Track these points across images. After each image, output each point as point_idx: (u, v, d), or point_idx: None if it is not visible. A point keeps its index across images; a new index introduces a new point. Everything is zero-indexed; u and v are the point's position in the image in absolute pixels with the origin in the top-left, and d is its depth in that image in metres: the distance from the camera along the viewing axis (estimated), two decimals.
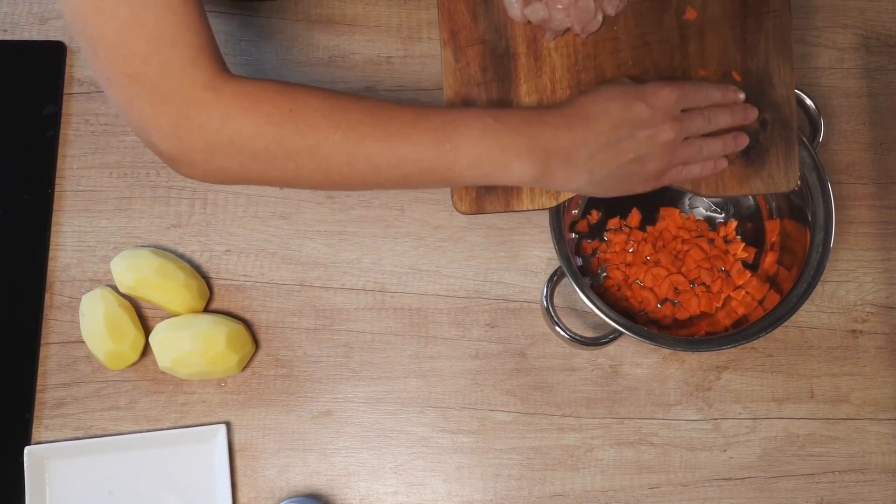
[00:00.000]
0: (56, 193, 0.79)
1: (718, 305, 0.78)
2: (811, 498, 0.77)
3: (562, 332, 0.72)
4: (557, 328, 0.72)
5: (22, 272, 0.77)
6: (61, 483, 0.73)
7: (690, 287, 0.78)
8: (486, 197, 0.68)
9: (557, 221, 0.71)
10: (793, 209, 0.77)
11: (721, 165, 0.66)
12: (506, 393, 0.77)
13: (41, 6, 0.83)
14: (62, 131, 0.80)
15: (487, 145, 0.57)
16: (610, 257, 0.79)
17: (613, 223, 0.80)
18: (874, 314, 0.81)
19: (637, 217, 0.79)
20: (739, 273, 0.78)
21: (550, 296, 0.72)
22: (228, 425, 0.75)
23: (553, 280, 0.72)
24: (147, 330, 0.76)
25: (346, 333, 0.78)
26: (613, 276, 0.79)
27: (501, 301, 0.79)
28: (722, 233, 0.79)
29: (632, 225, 0.79)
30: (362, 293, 0.78)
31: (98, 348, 0.73)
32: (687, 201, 0.82)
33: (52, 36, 0.82)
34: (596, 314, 0.69)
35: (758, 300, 0.76)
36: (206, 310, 0.77)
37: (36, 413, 0.74)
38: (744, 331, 0.70)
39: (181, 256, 0.78)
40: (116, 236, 0.78)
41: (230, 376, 0.76)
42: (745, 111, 0.66)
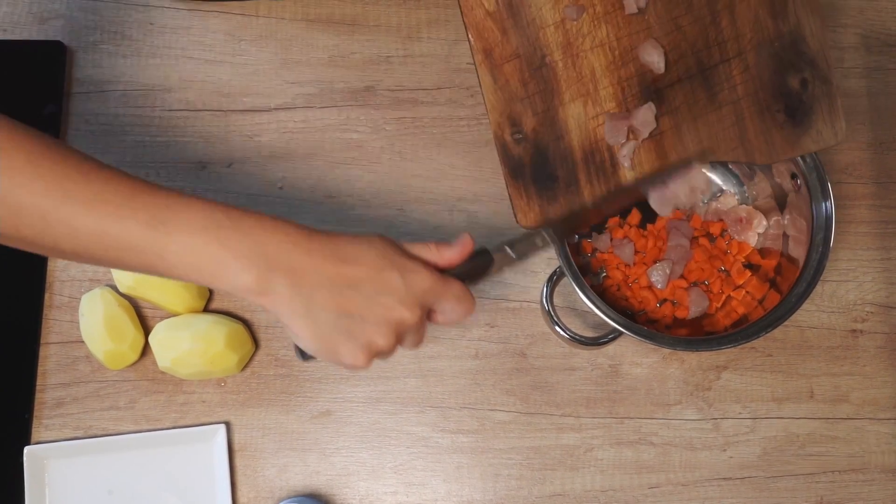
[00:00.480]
0: None
1: (718, 305, 0.78)
2: (811, 497, 0.77)
3: (561, 332, 0.72)
4: (557, 328, 0.72)
5: (22, 272, 0.77)
6: (61, 483, 0.73)
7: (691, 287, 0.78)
8: (550, 208, 0.68)
9: None
10: (793, 208, 0.76)
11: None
12: (505, 393, 0.77)
13: (41, 6, 0.83)
14: (62, 131, 0.80)
15: (206, 238, 0.51)
16: (609, 257, 0.79)
17: (613, 222, 0.80)
18: (874, 314, 0.81)
19: (637, 216, 0.79)
20: (739, 273, 0.78)
21: (550, 296, 0.72)
22: (228, 425, 0.75)
23: (553, 280, 0.72)
24: (147, 330, 0.76)
25: None
26: (613, 276, 0.79)
27: (501, 301, 0.79)
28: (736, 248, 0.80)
29: (632, 223, 0.79)
30: None
31: (98, 348, 0.73)
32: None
33: (52, 36, 0.82)
34: (596, 314, 0.69)
35: (758, 300, 0.76)
36: (206, 309, 0.77)
37: (36, 413, 0.74)
38: (744, 330, 0.70)
39: None
40: None
41: (230, 376, 0.76)
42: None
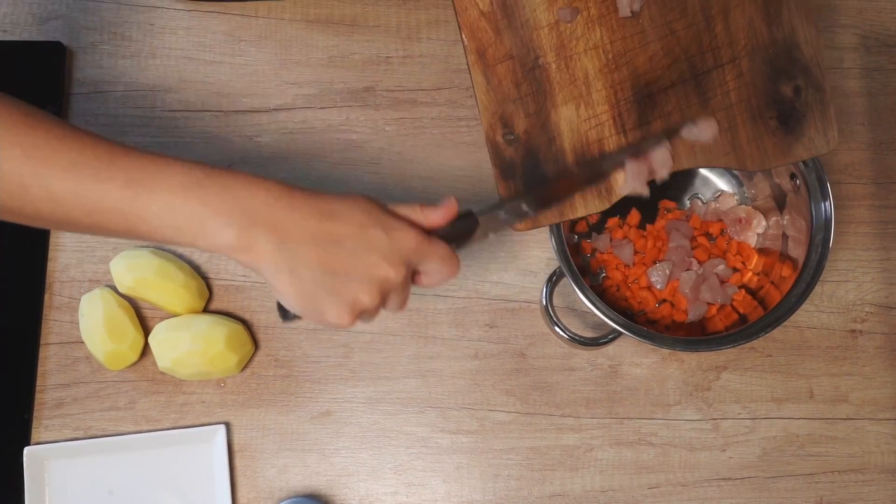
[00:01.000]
0: None
1: (717, 307, 0.78)
2: (810, 498, 0.77)
3: (561, 333, 0.72)
4: (557, 328, 0.72)
5: (22, 272, 0.77)
6: (61, 483, 0.73)
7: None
8: (541, 211, 0.68)
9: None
10: (792, 209, 0.77)
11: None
12: (505, 393, 0.77)
13: (41, 6, 0.83)
14: None
15: (186, 196, 0.50)
16: (609, 258, 0.79)
17: (613, 222, 0.80)
18: (873, 314, 0.81)
19: (637, 216, 0.79)
20: (739, 272, 0.79)
21: (550, 296, 0.72)
22: (228, 426, 0.75)
23: (552, 280, 0.72)
24: (146, 330, 0.76)
25: (346, 334, 0.78)
26: (612, 277, 0.79)
27: (501, 301, 0.79)
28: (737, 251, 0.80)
29: (631, 224, 0.79)
30: None
31: (97, 349, 0.73)
32: (687, 202, 0.82)
33: (52, 36, 0.82)
34: (595, 314, 0.69)
35: (757, 300, 0.76)
36: (206, 310, 0.77)
37: (36, 413, 0.74)
38: (743, 331, 0.70)
39: (180, 257, 0.78)
40: None
41: (229, 377, 0.76)
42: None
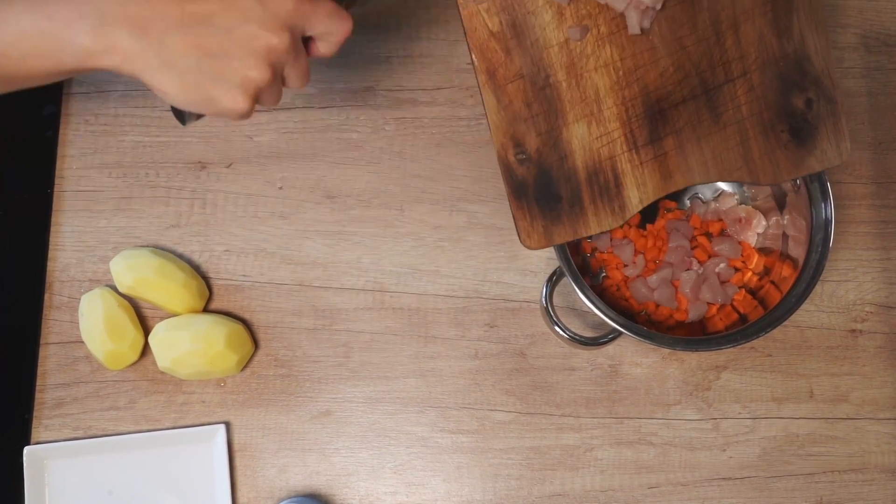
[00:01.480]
0: (55, 193, 0.79)
1: (717, 307, 0.78)
2: (811, 497, 0.77)
3: (561, 332, 0.72)
4: (557, 328, 0.72)
5: (21, 272, 0.77)
6: (61, 483, 0.73)
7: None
8: (554, 229, 0.68)
9: None
10: (792, 208, 0.76)
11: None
12: (505, 393, 0.77)
13: None
14: (62, 131, 0.80)
15: (34, 16, 0.49)
16: (609, 257, 0.79)
17: None
18: (873, 314, 0.81)
19: (637, 216, 0.79)
20: (740, 272, 0.79)
21: (550, 296, 0.72)
22: (228, 425, 0.75)
23: (552, 280, 0.72)
24: (146, 330, 0.76)
25: (346, 333, 0.78)
26: (613, 276, 0.79)
27: (501, 301, 0.79)
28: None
29: (632, 223, 0.79)
30: (362, 293, 0.78)
31: (97, 348, 0.73)
32: (687, 201, 0.82)
33: None
34: (595, 314, 0.69)
35: (757, 300, 0.76)
36: (206, 310, 0.77)
37: (35, 413, 0.74)
38: (743, 330, 0.70)
39: (180, 256, 0.78)
40: (116, 236, 0.78)
41: (229, 376, 0.76)
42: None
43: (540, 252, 0.80)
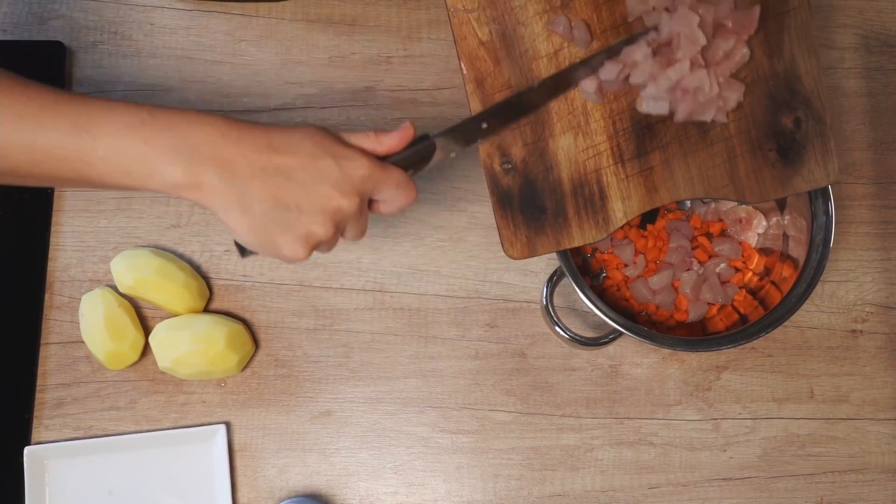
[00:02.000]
0: (56, 193, 0.79)
1: (718, 307, 0.78)
2: (811, 498, 0.77)
3: (561, 332, 0.72)
4: (557, 328, 0.72)
5: (22, 272, 0.77)
6: (61, 483, 0.73)
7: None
8: (537, 239, 0.68)
9: None
10: (793, 209, 0.76)
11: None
12: (505, 393, 0.77)
13: (41, 6, 0.83)
14: None
15: (131, 137, 0.50)
16: (609, 258, 0.79)
17: None
18: (874, 314, 0.81)
19: (637, 217, 0.79)
20: (740, 273, 0.78)
21: (550, 296, 0.72)
22: (228, 425, 0.75)
23: (553, 280, 0.72)
24: (147, 330, 0.76)
25: (346, 333, 0.78)
26: (613, 277, 0.79)
27: (501, 301, 0.79)
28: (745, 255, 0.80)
29: (632, 224, 0.79)
30: (362, 293, 0.78)
31: (98, 348, 0.73)
32: (688, 202, 0.82)
33: (52, 36, 0.82)
34: (596, 314, 0.69)
35: (757, 300, 0.76)
36: (206, 310, 0.77)
37: (36, 413, 0.74)
38: (744, 331, 0.70)
39: (181, 256, 0.78)
40: (116, 236, 0.78)
41: (230, 376, 0.76)
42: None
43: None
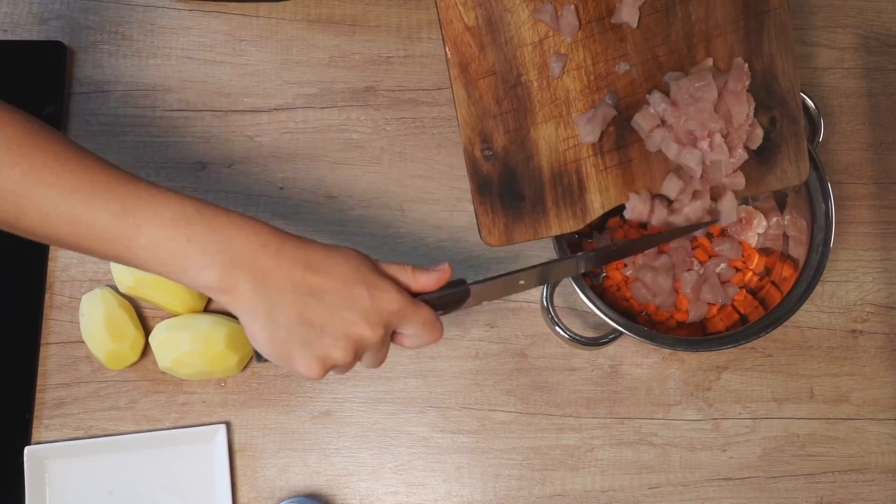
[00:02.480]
0: None
1: (718, 307, 0.78)
2: (811, 498, 0.77)
3: (562, 332, 0.72)
4: (557, 328, 0.72)
5: (22, 272, 0.77)
6: (61, 483, 0.73)
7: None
8: (515, 227, 0.69)
9: None
10: (793, 209, 0.77)
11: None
12: (506, 393, 0.77)
13: (41, 6, 0.83)
14: (62, 131, 0.80)
15: (174, 232, 0.51)
16: None
17: (614, 222, 0.80)
18: (874, 314, 0.81)
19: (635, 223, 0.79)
20: (740, 273, 0.78)
21: (550, 296, 0.72)
22: (228, 425, 0.75)
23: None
24: (147, 330, 0.76)
25: None
26: (613, 277, 0.79)
27: (501, 301, 0.79)
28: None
29: (632, 224, 0.79)
30: None
31: (98, 348, 0.73)
32: None
33: (52, 36, 0.82)
34: (596, 314, 0.69)
35: (757, 300, 0.76)
36: (206, 310, 0.77)
37: (36, 413, 0.74)
38: (744, 331, 0.70)
39: None
40: None
41: (230, 376, 0.76)
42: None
43: (540, 252, 0.80)
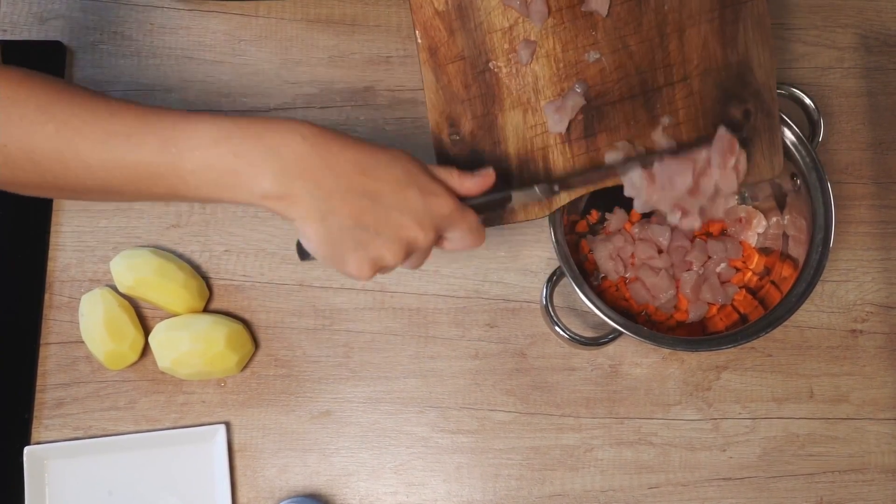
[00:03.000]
0: None
1: (718, 307, 0.78)
2: (811, 498, 0.77)
3: (561, 332, 0.72)
4: (557, 328, 0.72)
5: (22, 272, 0.77)
6: (61, 483, 0.73)
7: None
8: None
9: (557, 221, 0.71)
10: (793, 208, 0.76)
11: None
12: (505, 393, 0.77)
13: (41, 6, 0.83)
14: None
15: (219, 150, 0.50)
16: None
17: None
18: (874, 314, 0.81)
19: (637, 216, 0.79)
20: (740, 272, 0.78)
21: (550, 296, 0.72)
22: (228, 425, 0.75)
23: (553, 280, 0.72)
24: (147, 330, 0.76)
25: (346, 333, 0.78)
26: (611, 278, 0.79)
27: (501, 301, 0.79)
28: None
29: (633, 222, 0.79)
30: (362, 293, 0.78)
31: (98, 348, 0.73)
32: None
33: (52, 36, 0.82)
34: (595, 314, 0.69)
35: (757, 300, 0.76)
36: (206, 310, 0.77)
37: (36, 413, 0.74)
38: (743, 330, 0.70)
39: (181, 256, 0.78)
40: (116, 236, 0.78)
41: (230, 376, 0.76)
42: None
43: (540, 252, 0.80)
